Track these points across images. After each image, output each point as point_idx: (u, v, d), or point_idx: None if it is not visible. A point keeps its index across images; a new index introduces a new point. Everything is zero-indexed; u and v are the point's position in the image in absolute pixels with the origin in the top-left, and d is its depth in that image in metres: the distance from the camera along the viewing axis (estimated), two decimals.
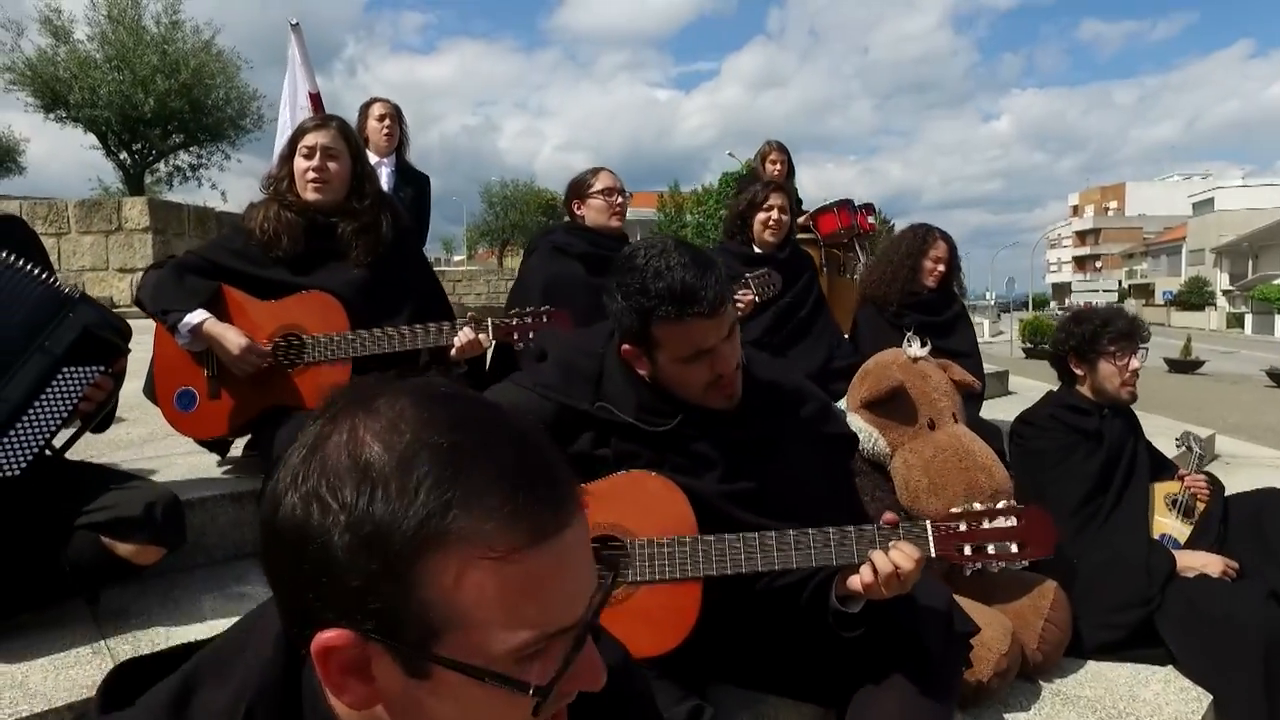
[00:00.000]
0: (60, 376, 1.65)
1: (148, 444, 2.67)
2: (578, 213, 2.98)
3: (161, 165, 19.88)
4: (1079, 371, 2.63)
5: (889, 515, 1.40)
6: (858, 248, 5.14)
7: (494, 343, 2.24)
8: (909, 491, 2.13)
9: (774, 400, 1.60)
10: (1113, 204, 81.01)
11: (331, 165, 2.24)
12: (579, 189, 2.97)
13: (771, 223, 3.39)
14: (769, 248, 3.46)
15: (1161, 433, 3.47)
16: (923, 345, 2.40)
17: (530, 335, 2.17)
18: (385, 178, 3.94)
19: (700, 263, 1.44)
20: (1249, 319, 44.58)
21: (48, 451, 1.66)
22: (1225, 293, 51.86)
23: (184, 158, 19.91)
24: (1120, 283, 48.21)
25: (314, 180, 2.23)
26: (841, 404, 2.55)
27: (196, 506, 2.01)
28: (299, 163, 2.25)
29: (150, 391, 2.22)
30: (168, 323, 2.09)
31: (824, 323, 3.56)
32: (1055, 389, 2.86)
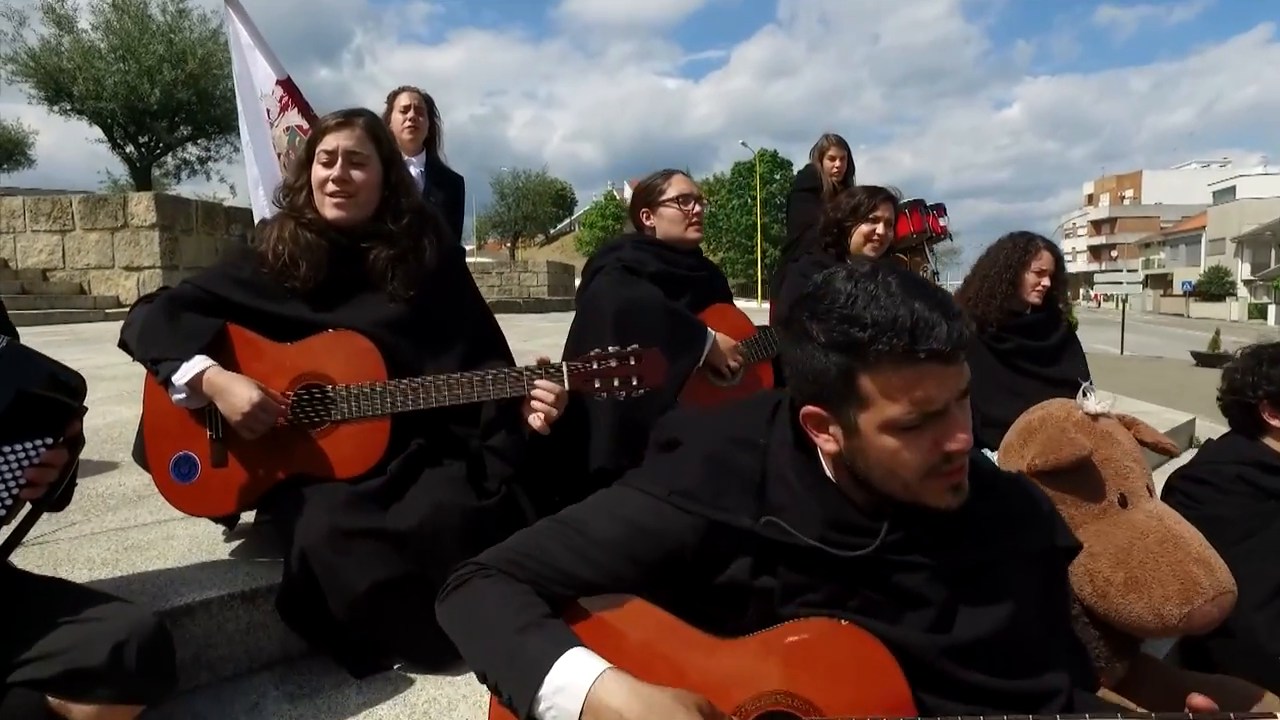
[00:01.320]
0: None
1: (142, 502, 2.24)
2: (646, 223, 2.53)
3: (169, 158, 19.50)
4: (1274, 422, 2.17)
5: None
6: (927, 251, 4.68)
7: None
8: (1095, 588, 1.68)
9: (996, 502, 1.16)
10: (1129, 192, 79.95)
11: (356, 174, 1.80)
12: (648, 196, 2.51)
13: (875, 237, 2.94)
14: None
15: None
16: (1100, 399, 1.94)
17: (616, 384, 1.73)
18: (418, 185, 3.50)
19: (929, 289, 1.01)
20: (1271, 310, 43.85)
21: None
22: (1247, 283, 51.01)
23: (191, 150, 19.52)
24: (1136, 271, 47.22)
25: (335, 194, 1.79)
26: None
27: (199, 612, 1.58)
28: (317, 171, 1.80)
29: (141, 455, 1.79)
30: (159, 375, 1.65)
31: None
32: (1224, 437, 2.40)
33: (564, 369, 1.73)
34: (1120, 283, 26.29)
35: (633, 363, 1.75)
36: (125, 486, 2.41)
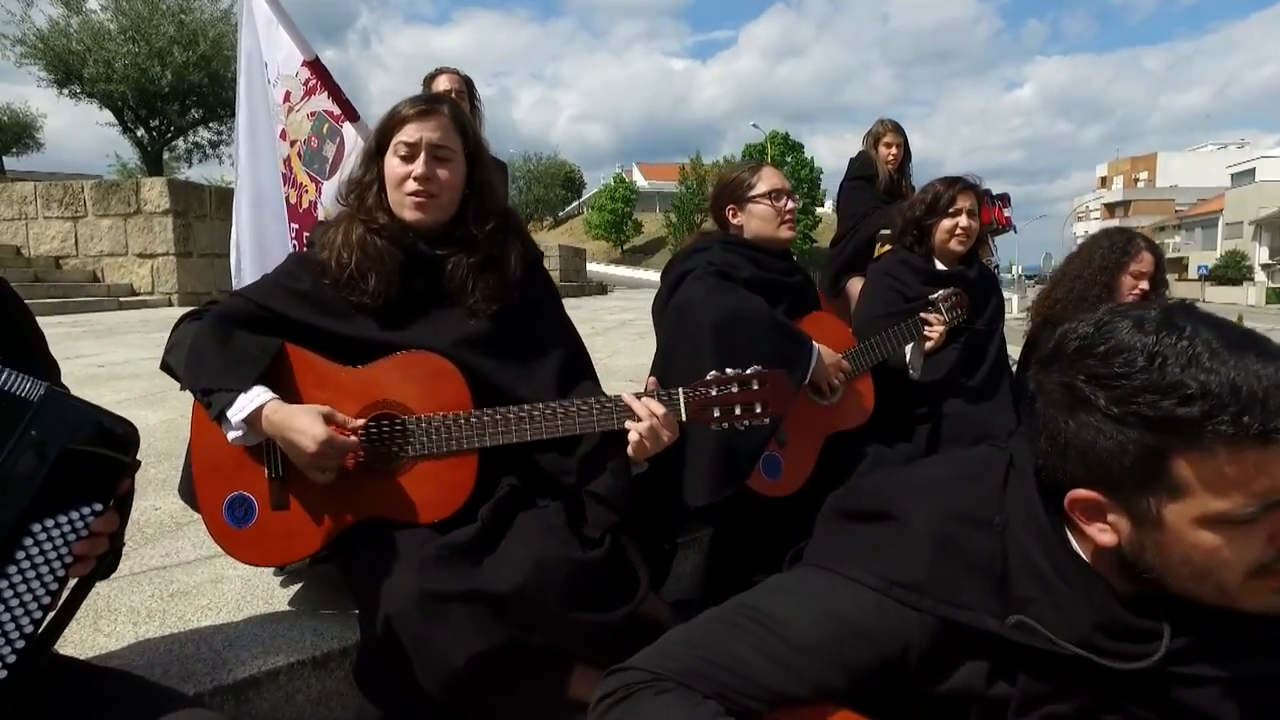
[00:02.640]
0: (31, 541, 0.99)
1: (182, 532, 2.03)
2: (733, 221, 2.28)
3: (180, 142, 19.25)
4: None
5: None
6: (990, 243, 4.41)
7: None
8: None
9: None
10: (1143, 175, 78.95)
11: (441, 172, 1.56)
12: (735, 191, 2.27)
13: (960, 230, 2.68)
14: (952, 261, 2.75)
15: None
16: None
17: (738, 412, 1.50)
18: None
19: (1256, 340, 0.79)
20: None
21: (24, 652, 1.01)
22: (1265, 267, 50.36)
23: (203, 134, 19.26)
24: None
25: (416, 193, 1.55)
26: None
27: (265, 684, 1.37)
28: (393, 166, 1.57)
29: (189, 494, 1.57)
30: (211, 410, 1.42)
31: (1006, 363, 2.86)
32: None
33: (680, 398, 1.50)
34: None
35: (755, 387, 1.52)
36: (161, 511, 2.20)
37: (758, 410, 1.52)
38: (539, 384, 1.60)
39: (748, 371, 1.52)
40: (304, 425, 1.39)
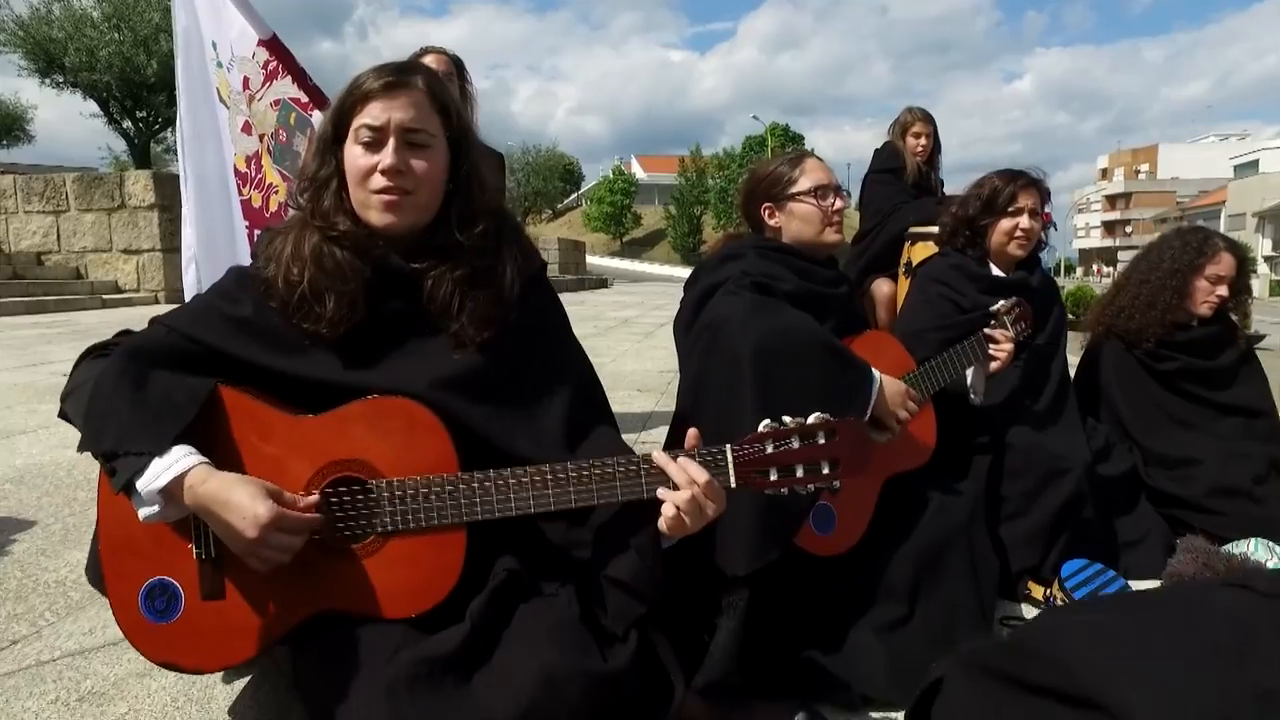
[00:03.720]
0: None
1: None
2: (770, 222, 1.94)
3: (168, 133, 18.76)
4: None
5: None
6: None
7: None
8: None
9: None
10: (1144, 167, 78.62)
11: (417, 162, 1.22)
12: (772, 187, 1.93)
13: (1020, 232, 2.35)
14: (1010, 265, 2.41)
15: None
16: None
17: (801, 474, 1.17)
18: None
19: None
20: None
21: None
22: (1268, 259, 50.04)
23: None
24: None
25: (386, 191, 1.21)
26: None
27: None
28: (355, 156, 1.23)
29: (97, 577, 1.23)
30: (116, 480, 1.08)
31: (1070, 383, 2.53)
32: None
33: (727, 459, 1.17)
34: None
35: (823, 440, 1.18)
36: (79, 572, 1.86)
37: (825, 471, 1.18)
38: (543, 435, 1.26)
39: (811, 421, 1.19)
40: (241, 501, 1.06)
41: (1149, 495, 2.52)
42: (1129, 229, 71.89)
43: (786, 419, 1.20)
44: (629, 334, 7.95)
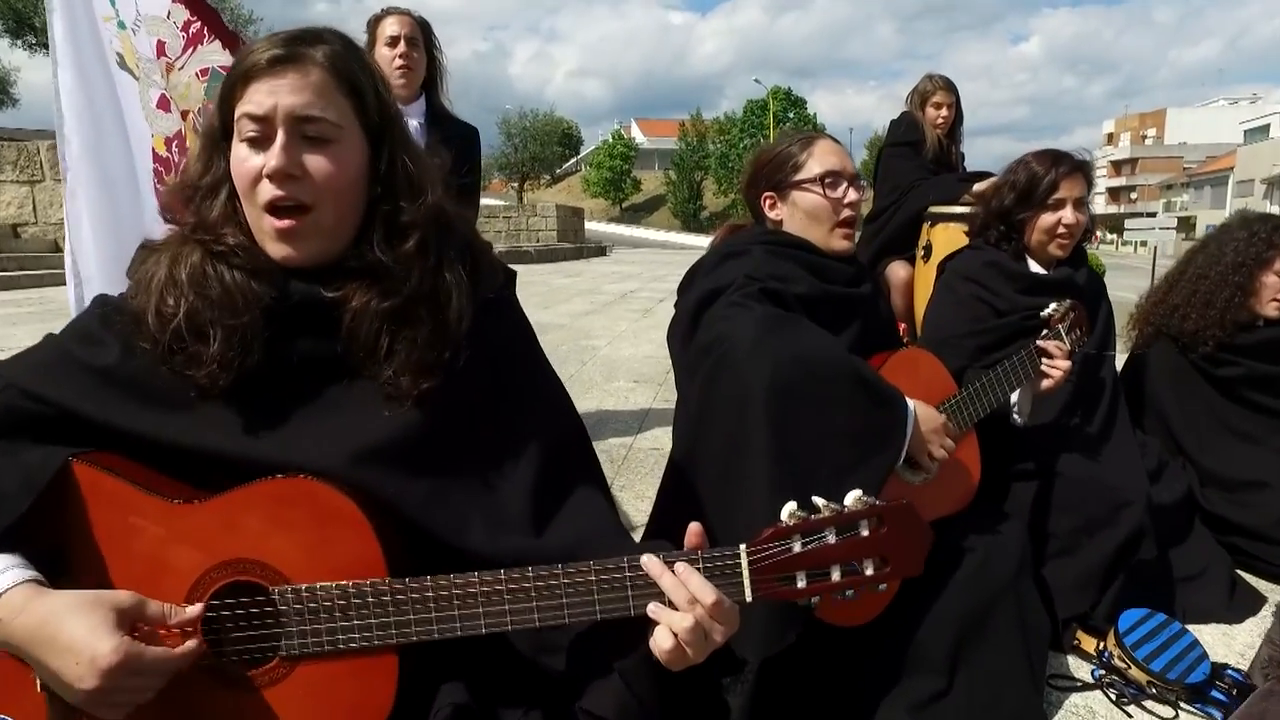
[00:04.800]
0: None
1: None
2: (770, 214, 1.64)
3: None
4: None
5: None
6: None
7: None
8: None
9: None
10: (1151, 131, 77.41)
11: (317, 164, 0.92)
12: (777, 171, 1.62)
13: (1064, 229, 2.04)
14: (1049, 261, 2.11)
15: None
16: None
17: (838, 576, 0.88)
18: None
19: None
20: None
21: None
22: None
23: None
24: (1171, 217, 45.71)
25: (277, 212, 0.92)
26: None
27: None
28: (239, 158, 0.93)
29: None
30: None
31: (1121, 395, 2.23)
32: None
33: (742, 564, 0.88)
34: (1153, 228, 25.33)
35: (867, 533, 0.90)
36: None
37: (870, 572, 0.90)
38: (503, 516, 0.98)
39: (851, 504, 0.90)
40: (73, 639, 0.78)
41: (1204, 519, 2.26)
42: (1134, 195, 71.07)
43: (819, 501, 0.92)
44: (628, 311, 7.64)
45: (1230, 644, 1.91)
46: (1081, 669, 1.78)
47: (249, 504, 0.90)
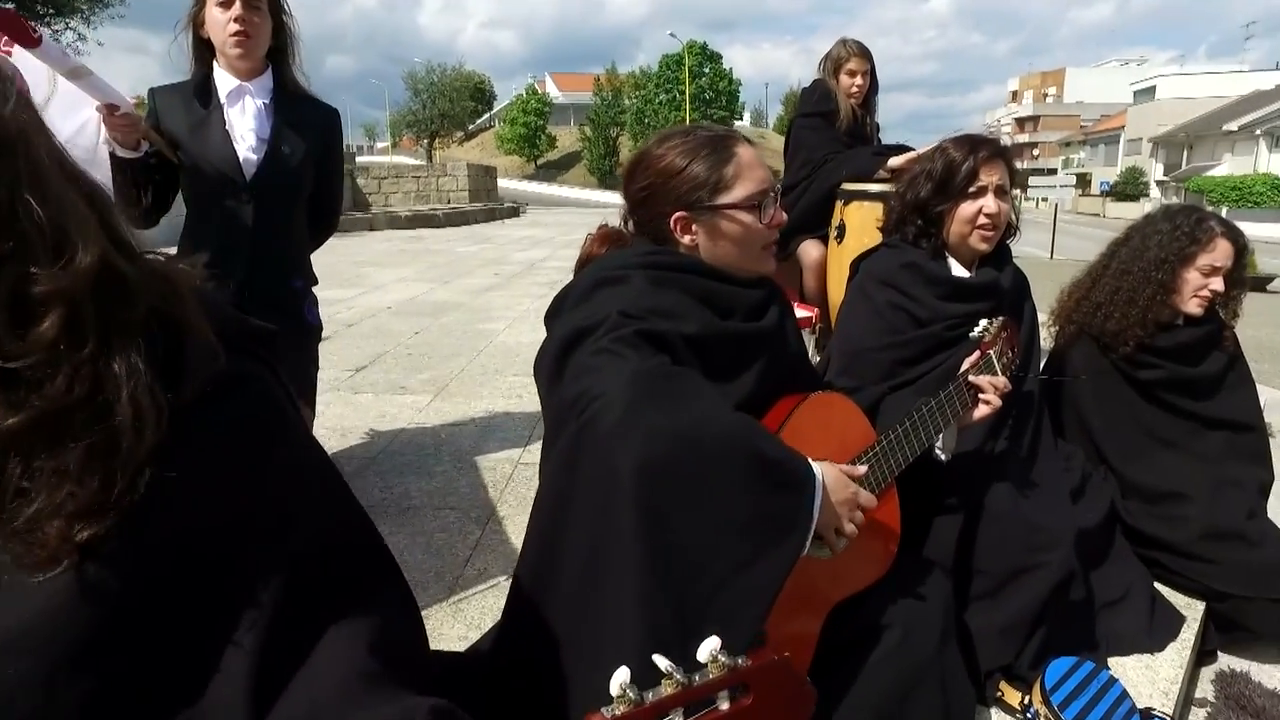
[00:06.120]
0: None
1: None
2: (683, 239, 1.33)
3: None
4: None
5: None
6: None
7: None
8: None
9: None
10: (1051, 90, 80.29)
11: None
12: (692, 190, 1.29)
13: (985, 219, 1.83)
14: (971, 258, 1.90)
15: None
16: None
17: None
18: (251, 118, 2.12)
19: None
20: None
21: None
22: (1159, 184, 52.26)
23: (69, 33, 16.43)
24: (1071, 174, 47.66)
25: None
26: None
27: None
28: None
29: None
30: None
31: (1045, 413, 2.05)
32: None
33: None
34: (1054, 186, 26.40)
35: (726, 706, 0.64)
36: None
37: None
38: (211, 712, 0.66)
39: (706, 672, 0.63)
40: None
41: (1124, 531, 2.13)
42: (1036, 152, 73.89)
43: (662, 663, 0.65)
44: (534, 285, 7.25)
45: (1154, 679, 1.77)
46: None
47: None
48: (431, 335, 4.71)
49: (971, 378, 1.52)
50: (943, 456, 1.58)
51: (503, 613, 1.23)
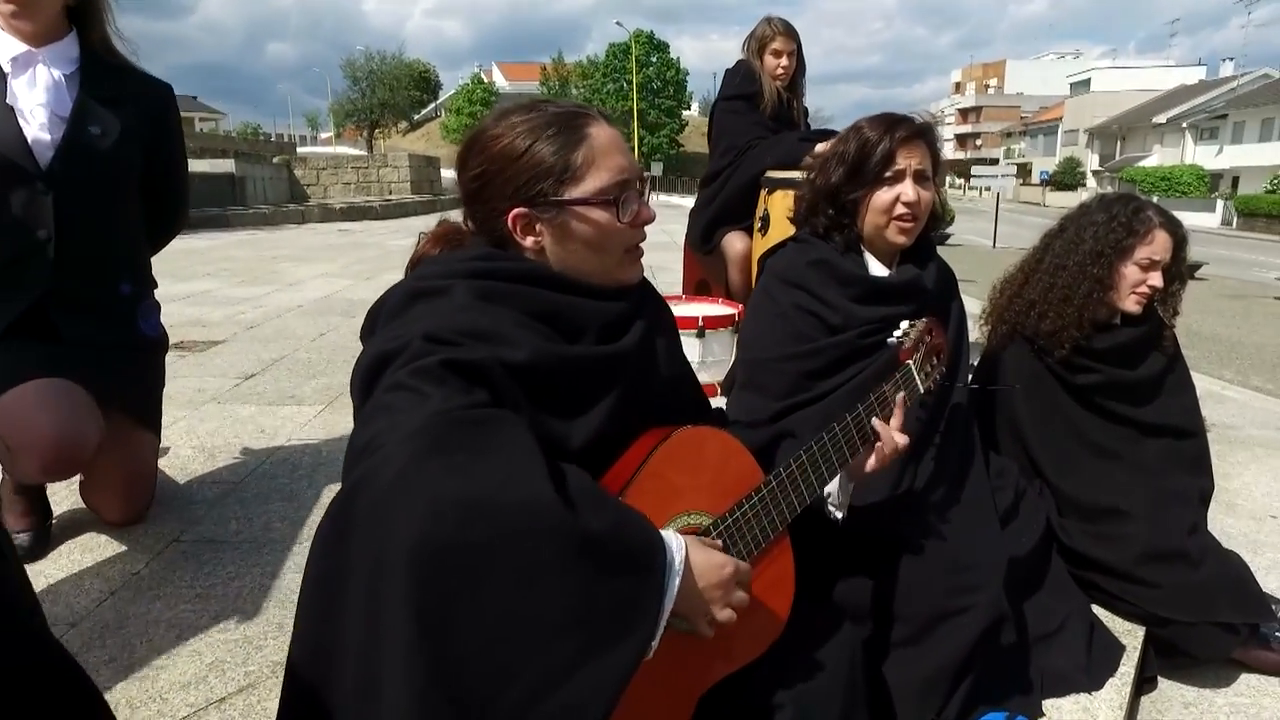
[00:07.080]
0: None
1: None
2: (524, 241, 1.06)
3: None
4: None
5: None
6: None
7: None
8: None
9: None
10: (993, 81, 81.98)
11: None
12: (535, 180, 1.02)
13: (903, 208, 1.60)
14: (890, 253, 1.68)
15: None
16: None
17: None
18: (44, 91, 1.77)
19: None
20: None
21: None
22: (1095, 173, 53.77)
23: None
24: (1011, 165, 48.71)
25: None
26: None
27: None
28: None
29: None
30: None
31: (973, 418, 1.85)
32: None
33: None
34: (996, 175, 26.86)
35: None
36: None
37: None
38: None
39: None
40: None
41: (1061, 551, 1.94)
42: (979, 142, 75.40)
43: None
44: None
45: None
46: None
47: None
48: (338, 337, 4.37)
49: (875, 422, 1.27)
50: (837, 514, 1.33)
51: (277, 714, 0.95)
